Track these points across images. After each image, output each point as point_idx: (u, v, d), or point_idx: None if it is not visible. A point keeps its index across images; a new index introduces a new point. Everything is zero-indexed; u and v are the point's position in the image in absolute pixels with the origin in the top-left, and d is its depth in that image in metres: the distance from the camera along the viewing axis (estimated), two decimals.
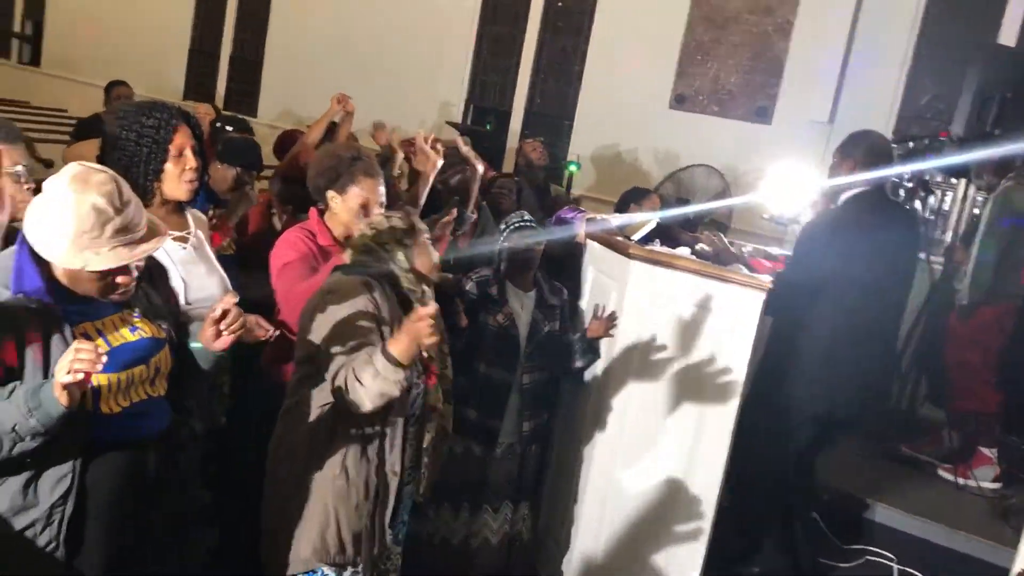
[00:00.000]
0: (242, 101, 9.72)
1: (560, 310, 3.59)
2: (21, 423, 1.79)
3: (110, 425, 2.00)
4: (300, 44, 9.39)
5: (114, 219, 1.91)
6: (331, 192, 3.00)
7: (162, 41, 10.65)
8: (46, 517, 1.95)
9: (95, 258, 1.90)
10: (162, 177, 2.56)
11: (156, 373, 2.11)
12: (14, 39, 12.62)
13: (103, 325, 2.03)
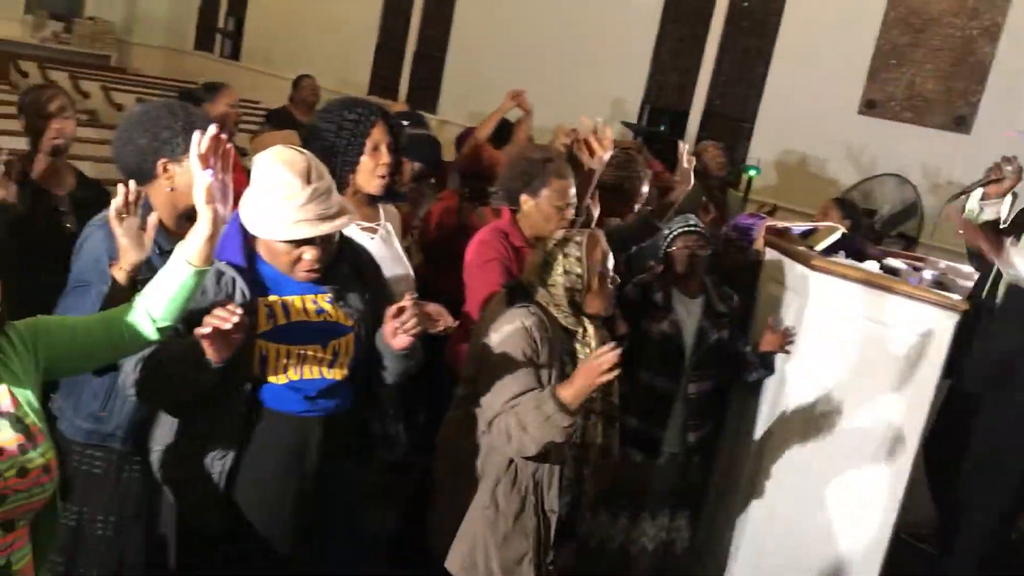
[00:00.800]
0: (424, 96, 9.98)
1: (730, 318, 3.47)
2: None
3: (275, 393, 2.12)
4: (482, 41, 9.54)
5: (300, 194, 2.01)
6: (524, 195, 3.05)
7: (351, 37, 11.07)
8: (208, 466, 2.10)
9: (280, 229, 2.02)
10: (357, 169, 2.66)
11: (335, 357, 2.17)
12: (217, 34, 13.46)
13: (288, 300, 2.13)
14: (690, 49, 8.10)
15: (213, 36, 13.55)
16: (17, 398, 1.62)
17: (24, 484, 1.56)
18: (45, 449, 1.62)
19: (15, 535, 1.59)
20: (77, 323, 1.80)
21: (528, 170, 3.05)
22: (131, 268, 2.16)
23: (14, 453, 1.56)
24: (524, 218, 3.08)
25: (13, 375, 1.63)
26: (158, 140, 2.34)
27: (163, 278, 1.82)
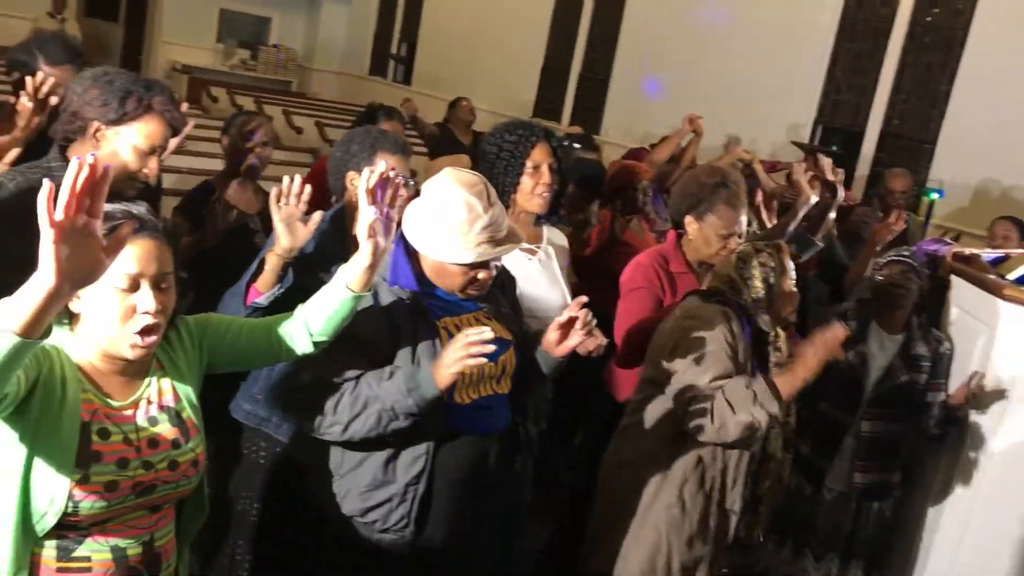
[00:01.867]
0: (587, 118, 10.00)
1: (933, 363, 3.26)
2: (400, 402, 1.97)
3: (460, 415, 2.12)
4: (648, 63, 9.49)
5: (482, 217, 2.04)
6: (689, 217, 3.00)
7: (517, 60, 11.26)
8: (401, 494, 2.10)
9: (463, 252, 2.04)
10: (517, 189, 2.69)
11: (502, 372, 2.20)
12: (391, 60, 14.00)
13: (461, 321, 2.16)
14: (867, 66, 7.76)
15: (386, 61, 14.10)
16: (179, 393, 1.72)
17: (173, 477, 1.66)
18: (196, 444, 1.71)
19: (160, 515, 1.69)
20: (243, 325, 1.90)
21: (697, 193, 2.99)
22: (283, 253, 2.33)
23: (168, 447, 1.66)
24: (688, 242, 3.03)
25: (177, 370, 1.73)
26: (348, 153, 2.56)
27: (324, 296, 1.89)
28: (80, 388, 1.57)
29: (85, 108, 2.22)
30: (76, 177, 1.19)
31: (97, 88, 2.22)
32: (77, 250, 1.22)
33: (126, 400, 1.64)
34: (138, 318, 1.56)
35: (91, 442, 1.55)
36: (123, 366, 1.63)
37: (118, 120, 2.23)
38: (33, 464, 1.51)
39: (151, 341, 1.59)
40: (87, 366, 1.60)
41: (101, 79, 2.24)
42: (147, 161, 2.26)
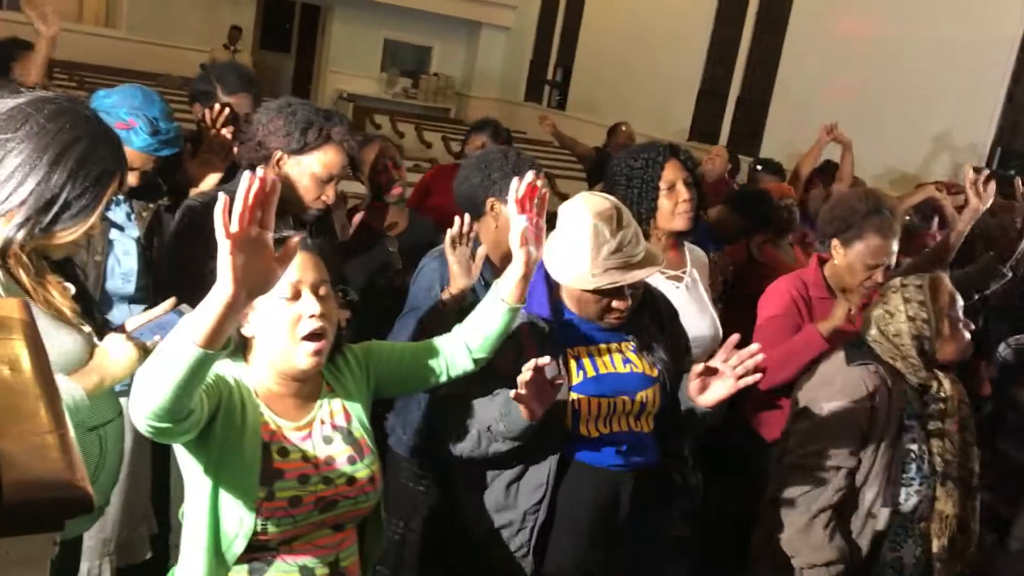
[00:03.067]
0: (745, 141, 9.82)
1: None
2: (494, 424, 1.97)
3: (585, 447, 2.07)
4: (809, 85, 9.23)
5: (609, 242, 1.99)
6: (835, 241, 2.87)
7: (673, 84, 11.18)
8: (520, 520, 2.08)
9: (590, 278, 2.00)
10: (656, 213, 2.65)
11: (641, 409, 2.13)
12: (546, 86, 14.18)
13: (595, 351, 2.12)
14: None
15: (542, 88, 14.29)
16: (350, 413, 1.78)
17: (352, 492, 1.70)
18: (370, 461, 1.76)
19: (344, 535, 1.74)
20: (405, 349, 1.95)
21: (848, 217, 2.85)
22: (459, 293, 2.36)
23: (344, 463, 1.71)
24: (831, 267, 2.89)
25: (347, 392, 1.79)
26: (489, 180, 2.56)
27: (480, 313, 1.91)
28: (258, 412, 1.65)
29: (269, 138, 2.36)
30: (248, 190, 1.25)
31: (281, 119, 2.36)
32: (251, 260, 1.27)
33: (301, 421, 1.71)
34: (304, 323, 1.62)
35: (272, 460, 1.62)
36: (297, 388, 1.70)
37: (299, 150, 2.35)
38: (220, 490, 1.59)
39: (320, 346, 1.64)
40: (264, 392, 1.68)
41: (285, 110, 2.38)
42: (325, 188, 2.38)
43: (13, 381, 0.77)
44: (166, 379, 1.32)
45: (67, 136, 1.62)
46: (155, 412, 1.36)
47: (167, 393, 1.33)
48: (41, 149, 1.60)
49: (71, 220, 1.65)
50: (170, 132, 2.44)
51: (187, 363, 1.30)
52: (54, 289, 1.71)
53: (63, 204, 1.62)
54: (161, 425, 1.39)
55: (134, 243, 2.47)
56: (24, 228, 1.60)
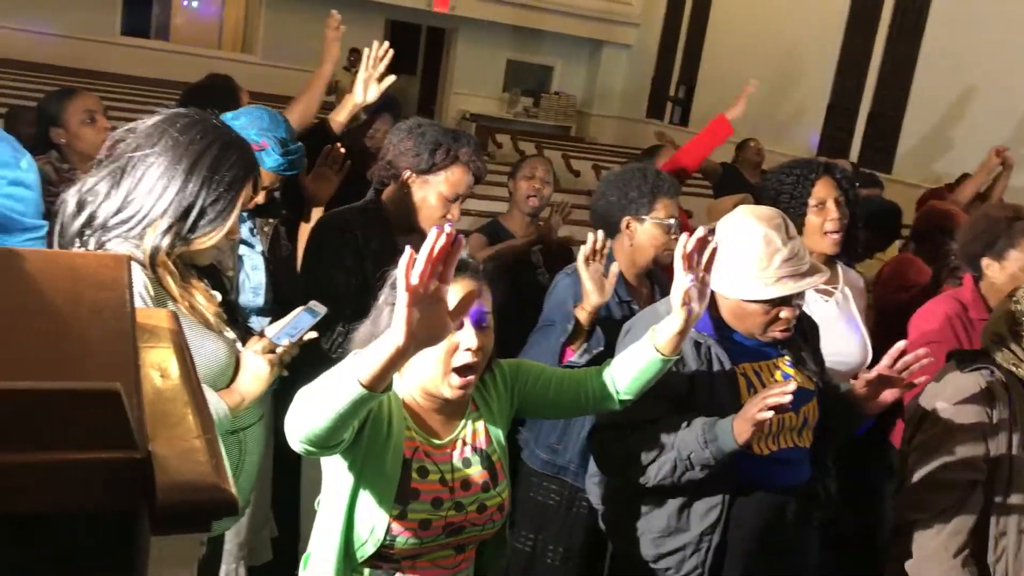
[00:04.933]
0: (876, 157, 9.48)
1: None
2: (696, 453, 1.93)
3: (758, 466, 2.05)
4: (947, 100, 8.84)
5: (781, 250, 1.97)
6: (986, 259, 2.72)
7: (801, 99, 10.90)
8: (695, 543, 2.06)
9: (763, 288, 1.97)
10: (804, 231, 2.58)
11: (804, 424, 2.10)
12: (668, 102, 14.07)
13: (760, 367, 2.09)
14: None
15: (664, 104, 14.18)
16: (490, 436, 1.79)
17: (480, 520, 1.72)
18: (503, 489, 1.77)
19: (464, 556, 1.75)
20: (553, 375, 1.93)
21: (991, 230, 2.71)
22: (592, 310, 2.36)
23: (478, 489, 1.72)
24: (989, 286, 2.74)
25: (490, 413, 1.80)
26: (626, 199, 2.56)
27: (633, 355, 1.87)
28: (404, 425, 1.68)
29: (399, 158, 2.43)
30: (433, 245, 1.27)
31: (411, 140, 2.42)
32: (426, 313, 1.30)
33: (444, 439, 1.73)
34: (459, 355, 1.63)
35: (411, 479, 1.65)
36: (442, 404, 1.72)
37: (427, 170, 2.41)
38: (359, 494, 1.63)
39: (468, 381, 1.65)
40: (411, 403, 1.71)
41: (415, 131, 2.44)
42: (451, 207, 2.43)
43: (163, 388, 0.81)
44: (326, 410, 1.37)
45: (198, 146, 1.70)
46: (310, 438, 1.42)
47: (324, 424, 1.38)
48: (176, 160, 1.68)
49: (209, 225, 1.72)
50: (297, 152, 2.53)
51: (349, 399, 1.34)
52: (201, 296, 1.78)
53: (200, 210, 1.70)
54: (312, 449, 1.45)
55: (261, 258, 2.57)
56: (168, 236, 1.68)
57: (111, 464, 0.63)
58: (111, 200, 1.68)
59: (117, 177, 1.69)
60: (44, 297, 0.85)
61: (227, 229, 1.75)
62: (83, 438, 0.63)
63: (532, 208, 3.53)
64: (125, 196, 1.68)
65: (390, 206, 2.51)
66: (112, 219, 1.68)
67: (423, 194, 2.43)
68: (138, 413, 0.68)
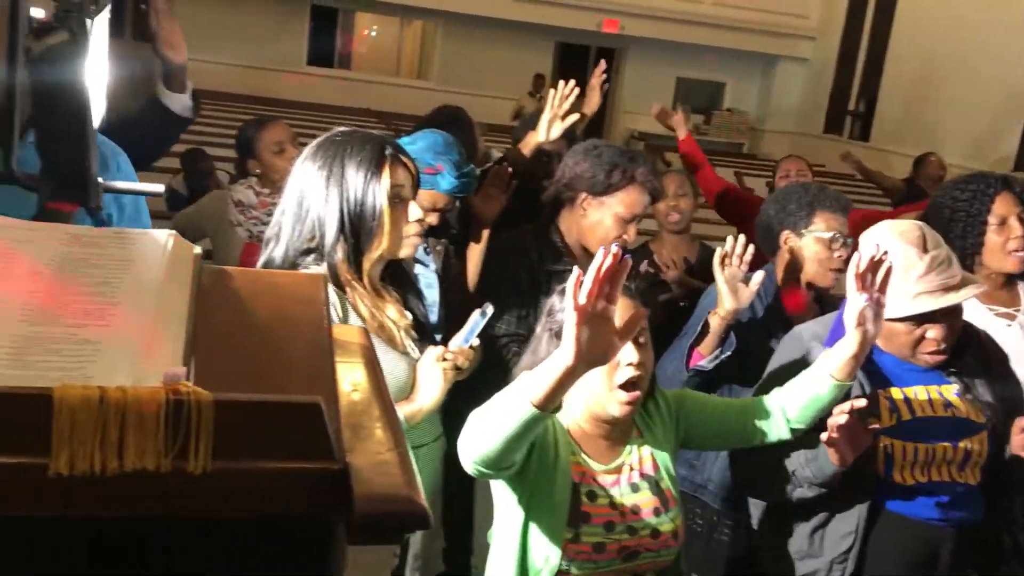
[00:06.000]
0: None
1: None
2: (799, 470, 1.89)
3: (897, 495, 1.94)
4: None
5: (917, 265, 1.87)
6: None
7: (994, 110, 10.24)
8: (827, 569, 1.98)
9: (899, 305, 1.87)
10: (983, 250, 2.42)
11: (966, 459, 1.96)
12: (847, 117, 13.53)
13: (911, 392, 1.98)
14: None
15: (843, 119, 13.66)
16: (657, 462, 1.77)
17: (655, 545, 1.69)
18: (675, 515, 1.74)
19: None
20: (718, 404, 1.91)
21: None
22: (726, 315, 2.28)
23: (650, 515, 1.70)
24: None
25: (655, 440, 1.79)
26: (784, 212, 2.50)
27: (805, 382, 1.82)
28: (570, 451, 1.69)
29: (575, 180, 2.45)
30: (600, 265, 1.29)
31: (587, 161, 2.44)
32: (595, 333, 1.32)
33: (610, 464, 1.73)
34: (622, 371, 1.64)
35: (581, 503, 1.66)
36: (608, 430, 1.72)
37: (603, 191, 2.42)
38: (530, 524, 1.64)
39: (635, 396, 1.65)
40: (575, 430, 1.72)
41: (591, 152, 2.45)
42: (627, 228, 2.42)
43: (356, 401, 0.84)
44: (498, 431, 1.40)
45: (330, 158, 1.75)
46: (483, 459, 1.46)
47: (497, 445, 1.42)
48: (318, 177, 1.74)
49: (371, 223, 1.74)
50: (470, 175, 2.59)
51: (520, 420, 1.37)
52: (394, 311, 1.84)
53: (352, 215, 1.73)
54: (485, 471, 1.49)
55: (435, 276, 2.64)
56: (338, 248, 1.73)
57: (313, 474, 0.66)
58: (289, 236, 1.76)
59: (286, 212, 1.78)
60: (250, 314, 0.90)
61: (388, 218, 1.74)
62: (287, 449, 0.67)
63: (676, 224, 3.46)
64: (295, 228, 1.75)
65: (565, 228, 2.53)
66: (299, 251, 1.75)
67: (599, 215, 2.44)
68: (336, 425, 0.71)
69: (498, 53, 14.83)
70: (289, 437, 0.66)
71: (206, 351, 0.76)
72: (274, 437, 0.66)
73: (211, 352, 0.76)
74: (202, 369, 0.72)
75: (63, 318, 0.73)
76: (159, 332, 0.73)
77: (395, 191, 1.76)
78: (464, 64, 14.89)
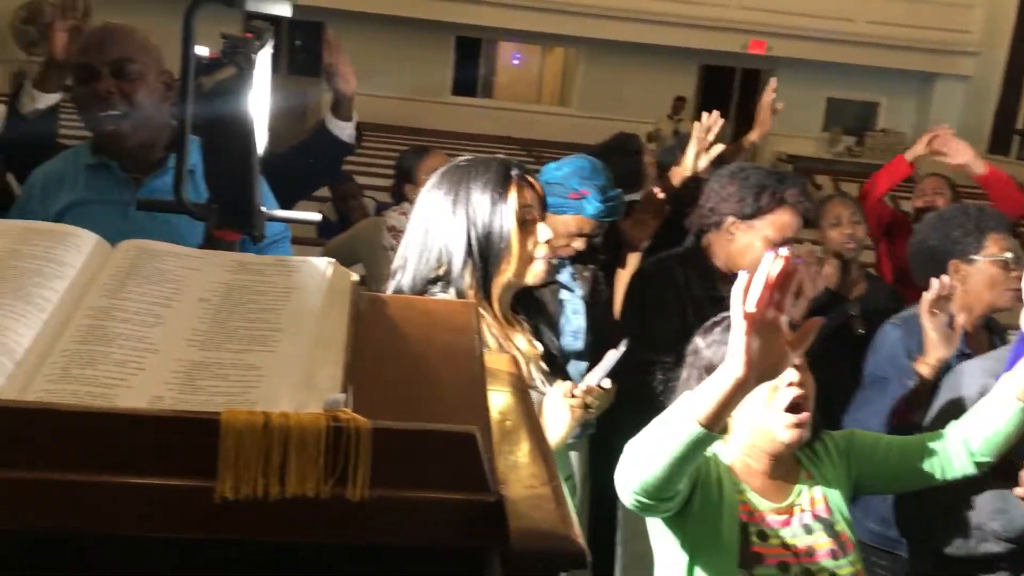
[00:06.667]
0: None
1: None
2: (985, 523, 1.79)
3: None
4: None
5: None
6: None
7: None
8: None
9: None
10: None
11: None
12: (1014, 135, 12.77)
13: None
14: None
15: (1009, 138, 12.90)
16: (830, 505, 1.68)
17: None
18: (855, 559, 1.64)
19: None
20: (891, 443, 1.80)
21: None
22: (937, 364, 2.15)
23: (826, 557, 1.61)
24: None
25: (826, 481, 1.70)
26: (949, 240, 2.35)
27: (986, 410, 1.71)
28: (735, 489, 1.62)
29: (722, 204, 2.38)
30: (769, 271, 1.21)
31: (734, 184, 2.37)
32: (765, 343, 1.23)
33: (780, 504, 1.65)
34: (783, 392, 1.56)
35: (751, 543, 1.59)
36: (774, 466, 1.65)
37: (752, 215, 2.34)
38: (696, 567, 1.58)
39: (801, 418, 1.57)
40: (740, 468, 1.65)
41: (738, 175, 2.39)
42: None
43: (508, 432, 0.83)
44: (661, 455, 1.34)
45: (455, 184, 1.72)
46: (644, 487, 1.39)
47: (659, 470, 1.35)
48: (443, 202, 1.71)
49: (499, 245, 1.69)
50: (616, 199, 2.56)
51: (685, 441, 1.30)
52: (522, 339, 1.78)
53: (479, 239, 1.68)
54: (647, 501, 1.42)
55: (581, 302, 2.61)
56: (466, 273, 1.69)
57: (468, 506, 0.65)
58: (416, 266, 1.72)
59: (411, 243, 1.75)
60: (404, 341, 0.91)
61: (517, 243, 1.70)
62: (442, 478, 0.66)
63: (852, 252, 3.32)
64: (422, 257, 1.72)
65: (712, 252, 2.47)
66: (426, 280, 1.71)
67: (748, 239, 2.37)
68: (490, 456, 0.70)
69: (640, 77, 14.77)
70: (444, 467, 0.66)
71: (363, 377, 0.76)
72: (429, 466, 0.66)
73: (367, 379, 0.77)
74: (359, 396, 0.72)
75: (229, 343, 0.75)
76: (319, 358, 0.74)
77: (522, 212, 1.71)
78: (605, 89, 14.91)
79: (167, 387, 0.68)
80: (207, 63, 1.11)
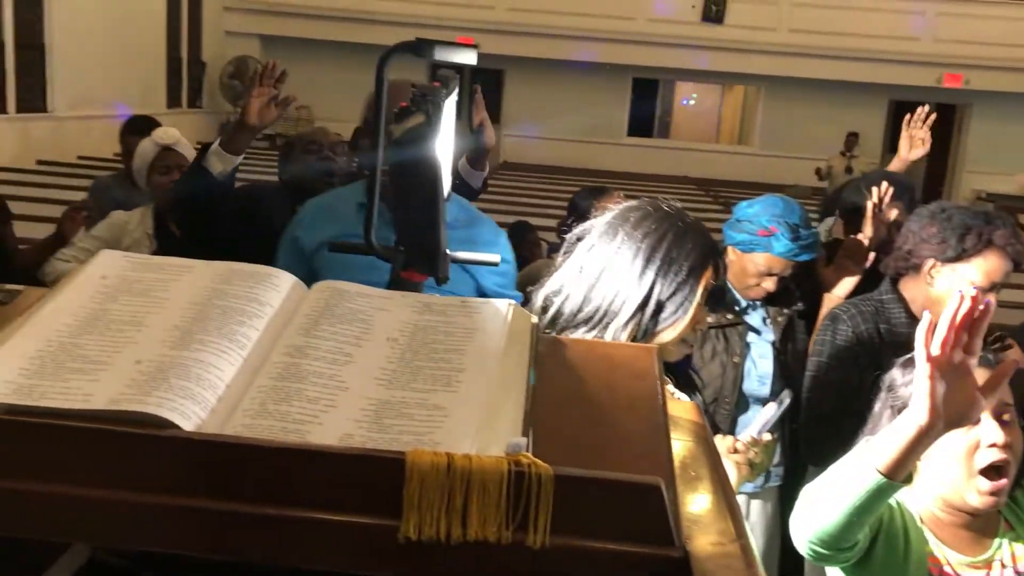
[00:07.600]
0: None
1: None
2: None
3: None
4: None
5: None
6: None
7: None
8: None
9: None
10: None
11: None
12: None
13: None
14: None
15: None
16: None
17: None
18: None
19: None
20: None
21: None
22: None
23: None
24: None
25: None
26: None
27: None
28: (923, 541, 1.51)
29: (921, 246, 2.25)
30: (956, 311, 1.14)
31: (935, 226, 2.24)
32: (952, 387, 1.15)
33: (976, 558, 1.53)
34: (983, 453, 1.44)
35: None
36: (967, 520, 1.53)
37: (956, 258, 2.20)
38: None
39: (1000, 486, 1.45)
40: (929, 519, 1.54)
41: (939, 216, 2.25)
42: None
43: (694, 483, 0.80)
44: (838, 505, 1.27)
45: (652, 238, 1.64)
46: (820, 537, 1.33)
47: (837, 520, 1.28)
48: (632, 255, 1.64)
49: (671, 317, 1.64)
50: (809, 238, 2.46)
51: (865, 490, 1.23)
52: None
53: (658, 303, 1.63)
54: (822, 551, 1.35)
55: (770, 347, 2.52)
56: (627, 329, 1.64)
57: (652, 560, 0.63)
58: (571, 299, 1.68)
59: (577, 275, 1.69)
60: (583, 384, 0.89)
61: (689, 319, 1.65)
62: (625, 530, 0.64)
63: None
64: (585, 294, 1.66)
65: (910, 296, 2.33)
66: (576, 317, 1.67)
67: (950, 283, 2.22)
68: (675, 509, 0.67)
69: (823, 113, 14.26)
70: (628, 518, 0.64)
71: (542, 421, 0.75)
72: (612, 516, 0.64)
73: (547, 422, 0.76)
74: (539, 440, 0.71)
75: (415, 383, 0.76)
76: (501, 400, 0.74)
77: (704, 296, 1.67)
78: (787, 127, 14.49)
79: (357, 424, 0.70)
80: (397, 111, 1.15)
